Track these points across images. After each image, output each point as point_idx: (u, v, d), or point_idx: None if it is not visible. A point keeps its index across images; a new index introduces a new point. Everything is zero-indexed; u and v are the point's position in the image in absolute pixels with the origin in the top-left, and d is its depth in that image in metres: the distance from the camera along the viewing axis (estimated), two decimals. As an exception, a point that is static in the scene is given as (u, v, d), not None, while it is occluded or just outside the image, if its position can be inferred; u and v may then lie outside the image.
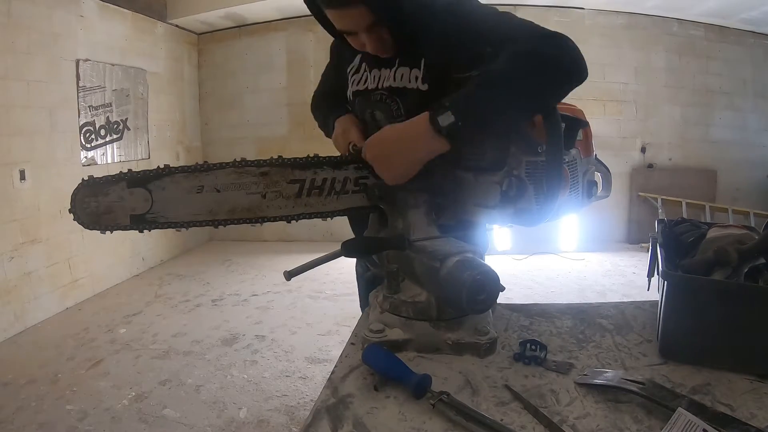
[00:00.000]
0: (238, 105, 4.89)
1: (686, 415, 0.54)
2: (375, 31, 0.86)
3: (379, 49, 0.91)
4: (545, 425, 0.57)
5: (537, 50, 0.75)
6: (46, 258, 2.99)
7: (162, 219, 0.74)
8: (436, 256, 0.72)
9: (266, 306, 3.16)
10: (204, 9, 4.26)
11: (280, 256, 4.35)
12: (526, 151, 0.74)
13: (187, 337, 2.66)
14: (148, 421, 1.89)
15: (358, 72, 1.04)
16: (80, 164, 3.29)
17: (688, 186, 4.47)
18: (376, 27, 0.85)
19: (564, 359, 0.74)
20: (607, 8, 4.35)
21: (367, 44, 0.89)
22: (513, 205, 0.75)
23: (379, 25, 0.85)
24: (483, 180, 0.79)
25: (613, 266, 3.96)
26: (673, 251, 0.90)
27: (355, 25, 0.85)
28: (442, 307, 0.75)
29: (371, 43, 0.88)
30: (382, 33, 0.87)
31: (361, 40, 0.89)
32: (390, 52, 0.93)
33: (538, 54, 0.74)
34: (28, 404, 2.00)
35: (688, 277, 0.75)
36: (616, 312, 0.92)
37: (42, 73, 2.96)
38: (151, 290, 3.52)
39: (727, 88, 4.57)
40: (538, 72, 0.73)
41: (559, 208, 0.77)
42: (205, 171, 0.76)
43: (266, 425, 1.88)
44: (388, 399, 0.64)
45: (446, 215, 0.86)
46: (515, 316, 0.90)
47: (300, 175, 0.79)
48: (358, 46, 0.92)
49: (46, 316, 2.95)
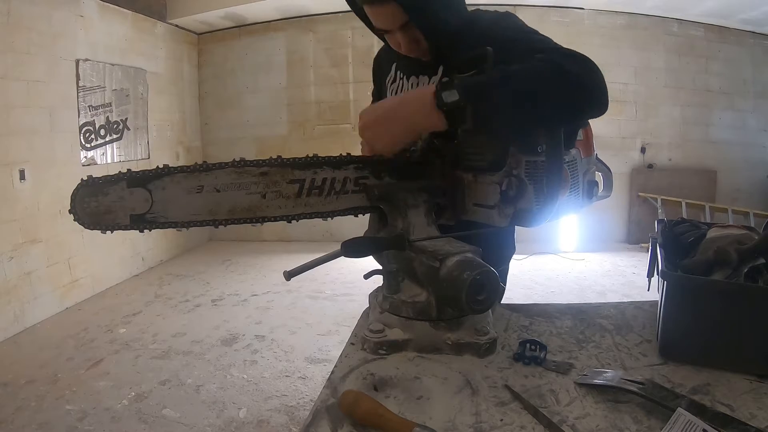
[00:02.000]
0: (238, 105, 4.89)
1: (686, 416, 0.54)
2: (409, 30, 0.89)
3: (414, 50, 0.94)
4: (545, 425, 0.57)
5: (562, 65, 0.72)
6: (46, 258, 2.99)
7: (162, 219, 0.74)
8: (436, 256, 0.72)
9: (266, 306, 3.17)
10: (204, 9, 4.26)
11: (280, 256, 4.35)
12: (526, 150, 0.74)
13: (187, 337, 2.66)
14: (148, 421, 1.89)
15: (394, 82, 1.08)
16: (80, 164, 3.29)
17: (688, 186, 4.48)
18: (409, 26, 0.88)
19: (564, 359, 0.74)
20: (607, 8, 4.35)
21: (401, 43, 0.92)
22: (513, 205, 0.75)
23: (412, 25, 0.88)
24: (483, 180, 0.79)
25: (613, 266, 3.96)
26: (673, 251, 0.90)
27: (390, 23, 0.89)
28: (442, 307, 0.75)
29: (405, 41, 0.91)
30: (416, 34, 0.90)
31: (397, 38, 0.92)
32: (425, 55, 0.95)
33: (563, 68, 0.72)
34: (27, 404, 2.00)
35: (687, 277, 0.75)
36: (616, 312, 0.92)
37: (42, 73, 2.96)
38: (150, 290, 3.52)
39: (727, 88, 4.57)
40: (556, 84, 0.72)
41: (559, 208, 0.77)
42: (205, 171, 0.75)
43: (266, 425, 1.88)
44: (388, 399, 0.64)
45: (446, 215, 0.86)
46: (515, 316, 0.90)
47: (300, 175, 0.79)
48: (394, 44, 0.95)
49: (45, 316, 2.95)
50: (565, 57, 0.75)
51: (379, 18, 0.89)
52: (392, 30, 0.91)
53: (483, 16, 0.95)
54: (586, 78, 0.73)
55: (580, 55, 0.75)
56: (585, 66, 0.74)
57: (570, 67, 0.73)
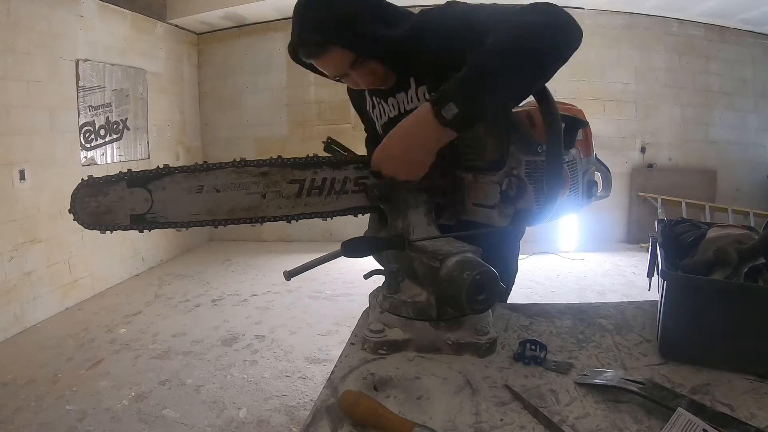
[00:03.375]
0: (238, 105, 4.90)
1: (686, 415, 0.54)
2: (362, 66, 0.86)
3: (374, 82, 0.90)
4: (545, 425, 0.57)
5: (524, 20, 0.72)
6: (46, 258, 2.99)
7: (162, 219, 0.74)
8: (436, 256, 0.72)
9: (266, 306, 3.16)
10: (204, 9, 4.26)
11: (280, 256, 4.34)
12: (525, 150, 0.74)
13: (187, 337, 2.66)
14: (148, 421, 1.89)
15: (374, 108, 1.05)
16: (80, 164, 3.29)
17: (688, 186, 4.47)
18: (361, 63, 0.85)
19: (564, 359, 0.74)
20: (607, 8, 4.35)
21: (359, 82, 0.89)
22: (513, 205, 0.75)
23: (364, 59, 0.85)
24: (483, 180, 0.79)
25: (613, 266, 3.96)
26: (673, 251, 0.90)
27: (341, 66, 0.86)
28: (442, 307, 0.75)
29: (362, 79, 0.88)
30: (371, 66, 0.87)
31: (353, 78, 0.88)
32: (390, 80, 0.92)
33: (526, 23, 0.72)
34: (27, 404, 2.00)
35: (687, 277, 0.75)
36: (615, 312, 0.92)
37: (42, 73, 2.96)
38: (150, 290, 3.52)
39: (727, 88, 4.57)
40: (529, 39, 0.71)
41: (559, 208, 0.77)
42: (204, 171, 0.76)
43: (266, 425, 1.88)
44: (388, 399, 0.64)
45: (446, 215, 0.86)
46: (515, 316, 0.90)
47: (300, 175, 0.79)
48: (353, 84, 0.92)
49: (46, 316, 2.95)
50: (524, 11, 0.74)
51: (329, 66, 0.87)
52: (346, 73, 0.88)
53: (428, 15, 0.91)
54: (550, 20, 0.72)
55: (530, 5, 0.74)
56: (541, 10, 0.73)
57: (531, 17, 0.72)
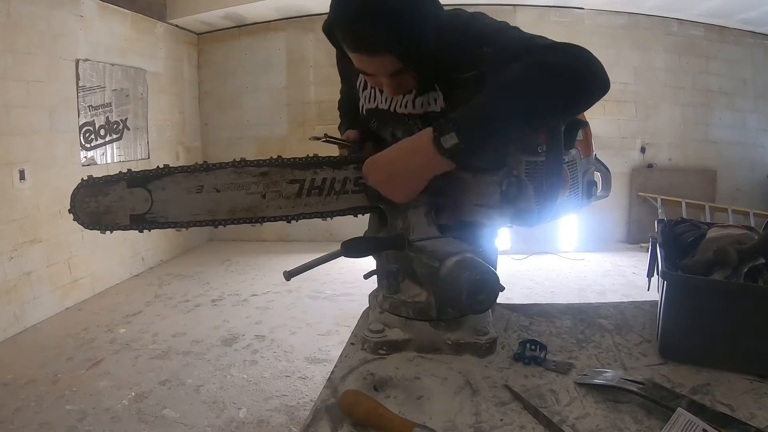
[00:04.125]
0: (238, 105, 4.89)
1: (686, 415, 0.54)
2: (399, 76, 0.82)
3: (398, 92, 0.87)
4: (545, 425, 0.57)
5: (552, 61, 0.69)
6: (46, 258, 2.99)
7: (162, 219, 0.74)
8: (436, 256, 0.72)
9: (266, 306, 3.16)
10: (204, 9, 4.26)
11: (280, 256, 4.34)
12: (525, 150, 0.74)
13: (187, 337, 2.66)
14: (148, 421, 1.89)
15: (366, 88, 1.01)
16: (80, 164, 3.29)
17: (687, 186, 4.47)
18: (400, 73, 0.81)
19: (564, 359, 0.74)
20: (607, 8, 4.35)
21: (386, 88, 0.84)
22: (513, 205, 0.75)
23: (405, 70, 0.80)
24: (483, 180, 0.79)
25: (613, 266, 3.96)
26: (673, 251, 0.90)
27: (382, 71, 0.81)
28: (441, 307, 0.75)
29: (391, 87, 0.83)
30: (407, 77, 0.83)
31: (380, 80, 0.83)
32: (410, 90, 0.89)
33: (553, 65, 0.69)
34: (27, 404, 2.00)
35: (687, 277, 0.75)
36: (615, 312, 0.92)
37: (42, 73, 2.96)
38: (150, 290, 3.52)
39: (727, 88, 4.57)
40: (549, 84, 0.69)
41: (558, 208, 0.77)
42: (204, 171, 0.76)
43: (266, 425, 1.88)
44: (388, 399, 0.64)
45: (446, 215, 0.86)
46: (515, 316, 0.90)
47: (300, 175, 0.79)
48: (374, 84, 0.88)
49: (45, 316, 2.95)
50: (551, 52, 0.72)
51: (370, 66, 0.80)
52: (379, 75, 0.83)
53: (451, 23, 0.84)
54: (576, 66, 0.70)
55: (562, 45, 0.72)
56: (571, 54, 0.71)
57: (558, 60, 0.70)
